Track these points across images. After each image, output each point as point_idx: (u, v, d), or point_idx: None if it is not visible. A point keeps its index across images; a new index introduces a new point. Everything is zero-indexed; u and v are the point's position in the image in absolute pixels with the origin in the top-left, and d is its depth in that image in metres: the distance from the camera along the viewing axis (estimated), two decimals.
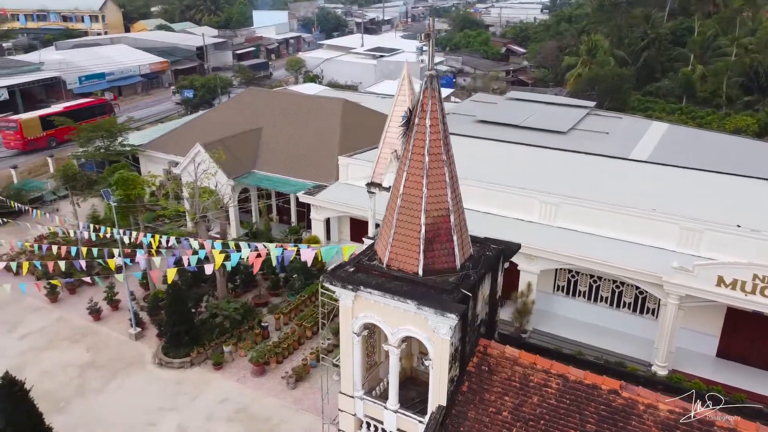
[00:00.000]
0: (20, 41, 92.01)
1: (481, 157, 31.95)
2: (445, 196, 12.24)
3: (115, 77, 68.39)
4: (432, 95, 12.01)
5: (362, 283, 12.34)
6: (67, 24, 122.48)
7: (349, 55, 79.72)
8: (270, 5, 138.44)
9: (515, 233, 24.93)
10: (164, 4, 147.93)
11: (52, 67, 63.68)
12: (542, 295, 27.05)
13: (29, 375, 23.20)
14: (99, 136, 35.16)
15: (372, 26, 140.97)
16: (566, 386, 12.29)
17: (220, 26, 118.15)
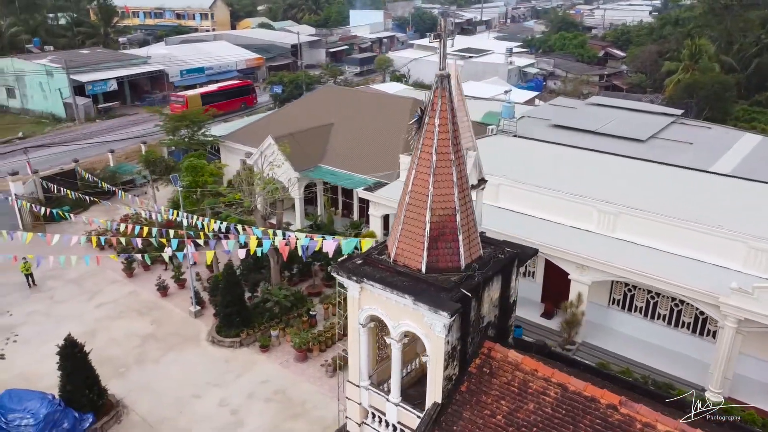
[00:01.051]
0: (136, 36, 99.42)
1: (548, 162, 31.21)
2: (451, 196, 12.32)
3: (213, 72, 72.40)
4: (442, 95, 12.15)
5: (366, 276, 12.68)
6: (180, 21, 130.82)
7: (437, 55, 79.66)
8: (368, 5, 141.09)
9: (568, 240, 24.42)
10: (269, 3, 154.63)
11: (158, 60, 68.51)
12: (596, 307, 26.15)
13: (99, 340, 25.60)
14: (184, 126, 37.61)
15: (468, 27, 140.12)
16: (564, 396, 12.03)
17: (318, 25, 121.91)
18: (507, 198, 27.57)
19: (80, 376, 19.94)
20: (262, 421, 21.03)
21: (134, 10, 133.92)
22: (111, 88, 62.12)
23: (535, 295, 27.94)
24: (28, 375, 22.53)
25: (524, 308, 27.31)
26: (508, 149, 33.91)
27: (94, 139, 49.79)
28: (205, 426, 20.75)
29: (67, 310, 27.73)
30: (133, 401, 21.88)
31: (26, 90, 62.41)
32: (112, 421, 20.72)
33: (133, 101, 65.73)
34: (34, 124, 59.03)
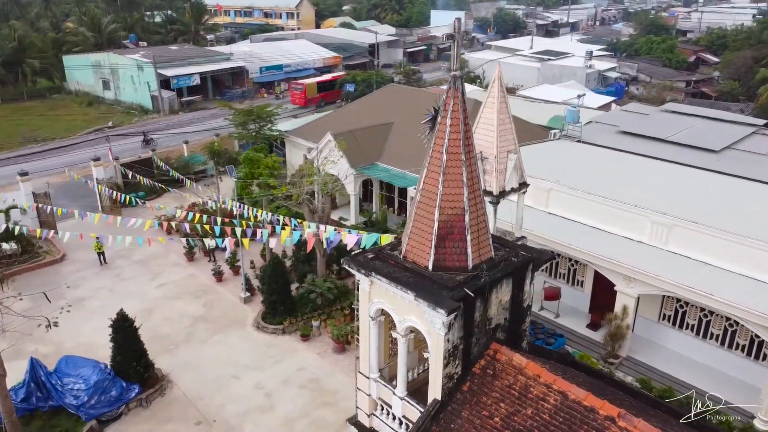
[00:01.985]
0: (224, 34, 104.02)
1: (608, 169, 30.21)
2: (461, 195, 12.39)
3: (291, 69, 74.76)
4: (455, 95, 12.23)
5: (375, 270, 12.98)
6: (267, 20, 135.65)
7: (515, 57, 78.51)
8: (451, 6, 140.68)
9: (616, 251, 23.63)
10: (354, 2, 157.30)
11: (239, 57, 71.52)
12: (645, 322, 25.18)
13: (155, 318, 27.30)
14: (252, 120, 39.24)
15: (553, 29, 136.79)
16: (563, 404, 11.84)
17: (399, 25, 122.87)
18: (557, 204, 27.01)
19: (129, 349, 21.41)
20: (293, 406, 21.76)
21: (226, 9, 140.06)
22: (194, 82, 65.53)
23: (582, 306, 27.22)
24: (88, 344, 24.37)
25: (571, 318, 26.78)
26: (568, 154, 33.09)
27: (174, 130, 52.74)
28: (239, 405, 21.73)
29: (130, 288, 29.72)
30: (178, 377, 23.22)
31: (119, 82, 66.97)
32: (156, 393, 22.09)
33: (214, 96, 68.95)
34: (123, 114, 63.28)
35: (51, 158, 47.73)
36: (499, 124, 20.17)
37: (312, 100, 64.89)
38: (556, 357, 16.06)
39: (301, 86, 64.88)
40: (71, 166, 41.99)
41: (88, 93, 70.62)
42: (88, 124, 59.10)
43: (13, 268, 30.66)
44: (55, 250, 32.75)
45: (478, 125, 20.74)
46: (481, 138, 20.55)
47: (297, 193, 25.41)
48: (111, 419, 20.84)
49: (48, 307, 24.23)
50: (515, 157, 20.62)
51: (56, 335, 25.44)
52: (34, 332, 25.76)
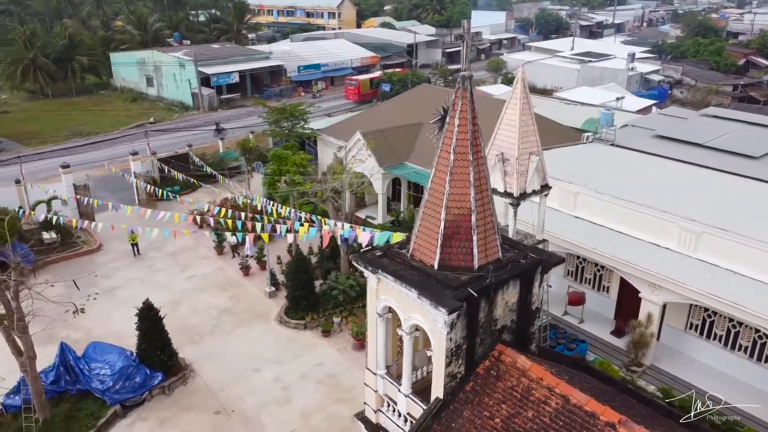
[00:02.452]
0: (265, 33, 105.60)
1: (639, 173, 29.53)
2: (467, 195, 12.42)
3: (329, 68, 75.48)
4: (463, 96, 12.29)
5: (382, 267, 13.11)
6: (309, 19, 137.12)
7: (555, 58, 77.41)
8: (493, 6, 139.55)
9: (642, 256, 23.15)
10: (396, 2, 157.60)
11: (278, 56, 72.58)
12: (672, 331, 24.61)
13: (182, 309, 28.04)
14: (285, 118, 39.84)
15: (597, 30, 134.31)
16: (564, 408, 11.75)
17: (440, 25, 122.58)
18: (585, 207, 26.62)
19: (154, 338, 22.08)
20: (309, 400, 22.07)
21: (269, 8, 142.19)
22: (233, 80, 66.84)
23: (608, 312, 26.75)
24: (117, 332, 25.18)
25: (595, 324, 26.36)
26: (599, 158, 32.53)
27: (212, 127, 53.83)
28: (257, 397, 22.16)
29: (161, 279, 30.59)
30: (201, 367, 23.82)
31: (162, 79, 68.82)
32: (178, 382, 22.72)
33: (253, 93, 70.14)
34: (165, 111, 65.01)
35: (93, 152, 49.40)
36: (522, 125, 20.05)
37: (365, 95, 67.47)
38: (568, 361, 15.89)
39: (355, 82, 68.03)
40: (112, 160, 43.43)
41: (133, 89, 72.81)
42: (131, 119, 60.94)
43: (51, 256, 31.97)
44: (92, 240, 33.93)
45: (500, 126, 20.67)
46: (503, 139, 20.50)
47: (321, 190, 25.72)
48: (134, 405, 21.53)
49: (78, 295, 25.24)
50: (537, 159, 20.45)
51: (87, 322, 26.54)
52: (67, 318, 26.91)
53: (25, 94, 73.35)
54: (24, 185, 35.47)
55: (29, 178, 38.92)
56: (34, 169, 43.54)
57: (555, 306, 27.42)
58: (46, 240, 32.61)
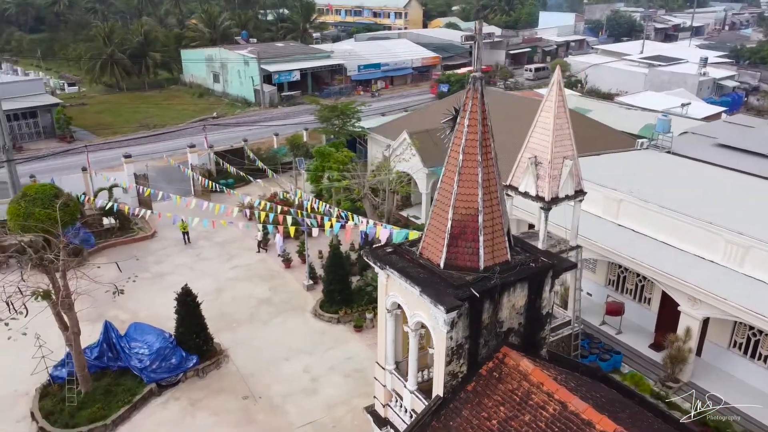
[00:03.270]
0: (331, 33, 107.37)
1: (694, 183, 28.36)
2: (475, 196, 12.44)
3: (389, 68, 76.04)
4: (473, 96, 12.31)
5: (390, 264, 13.31)
6: (376, 19, 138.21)
7: (622, 61, 74.98)
8: (564, 8, 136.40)
9: (683, 268, 22.29)
10: (464, 3, 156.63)
11: (339, 55, 73.72)
12: (714, 348, 23.61)
13: (224, 297, 29.14)
14: (335, 116, 40.57)
15: (673, 33, 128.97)
16: (561, 414, 11.60)
17: (507, 26, 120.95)
18: (628, 215, 25.84)
19: (191, 322, 23.10)
20: (334, 392, 22.51)
21: (337, 8, 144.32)
22: (294, 78, 68.45)
23: (648, 324, 25.88)
24: (160, 315, 26.39)
25: (634, 336, 25.57)
26: (650, 165, 31.42)
27: (270, 123, 55.42)
28: (285, 386, 22.79)
29: (207, 267, 31.85)
30: (235, 353, 24.70)
31: (228, 76, 71.30)
32: (212, 366, 23.66)
33: (313, 91, 71.57)
34: (228, 106, 67.36)
35: (158, 143, 51.83)
36: (556, 128, 19.81)
37: (448, 91, 68.67)
38: (584, 370, 15.58)
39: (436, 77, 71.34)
40: (173, 152, 45.45)
41: (200, 85, 75.77)
42: (196, 114, 63.48)
43: (109, 240, 33.89)
44: (148, 227, 35.68)
45: (535, 129, 20.47)
46: (537, 142, 20.31)
47: (358, 187, 26.11)
48: (169, 385, 22.59)
49: (123, 277, 26.65)
50: (571, 164, 20.09)
51: (134, 304, 28.03)
52: (117, 299, 28.45)
53: (103, 88, 77.68)
54: (89, 173, 37.69)
55: (98, 167, 41.41)
56: (103, 158, 46.24)
57: (593, 315, 26.82)
58: (105, 225, 34.56)
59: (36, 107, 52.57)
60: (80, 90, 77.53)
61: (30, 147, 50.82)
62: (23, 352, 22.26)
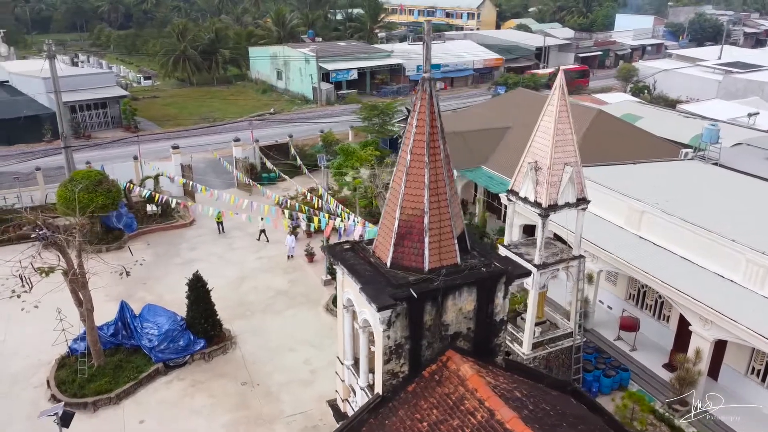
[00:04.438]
0: (399, 33, 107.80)
1: (733, 197, 26.69)
2: (421, 197, 12.43)
3: (449, 69, 75.60)
4: (422, 97, 12.31)
5: (342, 260, 13.52)
6: (448, 20, 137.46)
7: (696, 67, 71.09)
8: (646, 9, 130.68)
9: (699, 286, 21.11)
10: (542, 4, 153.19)
11: (399, 55, 74.05)
12: (731, 372, 22.26)
13: (245, 286, 30.17)
14: (375, 115, 40.97)
15: (766, 38, 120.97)
16: (487, 422, 11.42)
17: (582, 28, 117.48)
18: (650, 228, 24.72)
19: (200, 307, 24.11)
20: (330, 386, 22.76)
21: (409, 8, 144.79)
22: (351, 76, 69.41)
23: (665, 342, 24.68)
24: (183, 299, 27.57)
25: (648, 354, 24.46)
26: (688, 177, 29.89)
27: (323, 120, 56.55)
28: (284, 375, 23.37)
29: (235, 257, 33.03)
30: (244, 340, 25.55)
31: (289, 73, 73.25)
32: (219, 351, 24.59)
33: (371, 91, 72.30)
34: (287, 103, 69.20)
35: (214, 135, 54.06)
36: (557, 133, 19.37)
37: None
38: (551, 382, 15.20)
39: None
40: (226, 144, 47.22)
41: (265, 82, 78.24)
42: (256, 109, 65.63)
43: (150, 226, 35.79)
44: (188, 216, 37.37)
45: (536, 134, 20.05)
46: (538, 147, 19.93)
47: (371, 186, 26.36)
48: (177, 366, 23.68)
49: (161, 262, 28.27)
50: (572, 170, 19.51)
51: (161, 288, 29.51)
52: (147, 281, 30.15)
53: (175, 82, 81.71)
54: (140, 162, 39.89)
55: (155, 156, 43.74)
56: (162, 147, 48.66)
57: (609, 329, 25.87)
58: (149, 212, 36.49)
59: (105, 98, 56.05)
60: (154, 84, 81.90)
61: (98, 135, 54.29)
62: (49, 324, 23.94)
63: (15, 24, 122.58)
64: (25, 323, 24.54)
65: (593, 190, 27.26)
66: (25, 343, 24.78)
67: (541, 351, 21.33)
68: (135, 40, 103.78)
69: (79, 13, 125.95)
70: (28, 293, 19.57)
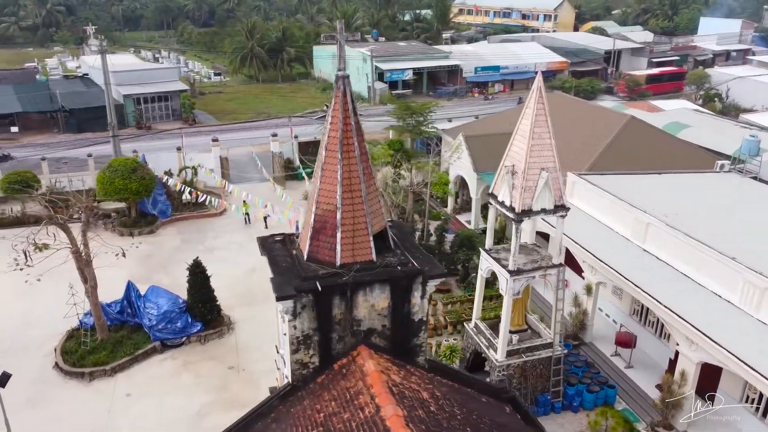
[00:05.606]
0: (467, 34, 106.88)
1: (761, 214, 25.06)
2: (334, 193, 12.66)
3: (509, 71, 74.31)
4: (336, 95, 12.54)
5: (269, 250, 13.98)
6: (524, 21, 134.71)
7: None
8: (737, 12, 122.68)
9: (689, 305, 20.07)
10: (626, 6, 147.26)
11: (457, 56, 73.59)
12: (726, 398, 20.75)
13: (256, 276, 31.04)
14: (409, 115, 41.15)
15: None
16: (372, 418, 11.50)
17: (666, 32, 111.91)
18: (654, 241, 23.67)
19: (198, 292, 25.32)
20: None
21: (485, 9, 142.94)
22: (407, 77, 69.68)
23: (664, 362, 23.46)
24: None
25: (643, 372, 23.48)
26: (716, 190, 28.29)
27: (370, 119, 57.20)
28: (268, 364, 23.85)
29: (254, 247, 33.92)
30: (241, 327, 26.57)
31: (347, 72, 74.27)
32: (215, 335, 25.71)
33: (428, 91, 72.30)
34: None
35: (264, 130, 55.90)
36: (534, 137, 19.02)
37: (635, 90, 71.52)
38: (482, 387, 15.04)
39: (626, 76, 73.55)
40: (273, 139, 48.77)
41: (326, 80, 79.89)
42: (311, 106, 67.21)
43: (183, 213, 37.73)
44: (220, 206, 39.04)
45: (515, 137, 19.74)
46: (516, 151, 19.65)
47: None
48: (174, 346, 24.99)
49: (185, 248, 29.93)
50: (547, 176, 19.04)
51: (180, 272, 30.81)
52: (167, 265, 31.86)
53: (243, 78, 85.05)
54: (183, 153, 42.07)
55: (203, 149, 45.90)
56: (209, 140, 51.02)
57: (607, 343, 24.93)
58: (184, 200, 38.45)
59: (168, 92, 59.33)
60: (223, 80, 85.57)
61: (158, 126, 57.54)
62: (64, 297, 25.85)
63: (109, 21, 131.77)
64: (47, 296, 26.63)
65: (602, 198, 26.43)
66: (44, 314, 26.86)
67: (516, 359, 20.89)
68: (213, 38, 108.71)
69: (167, 12, 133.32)
70: (32, 267, 21.32)
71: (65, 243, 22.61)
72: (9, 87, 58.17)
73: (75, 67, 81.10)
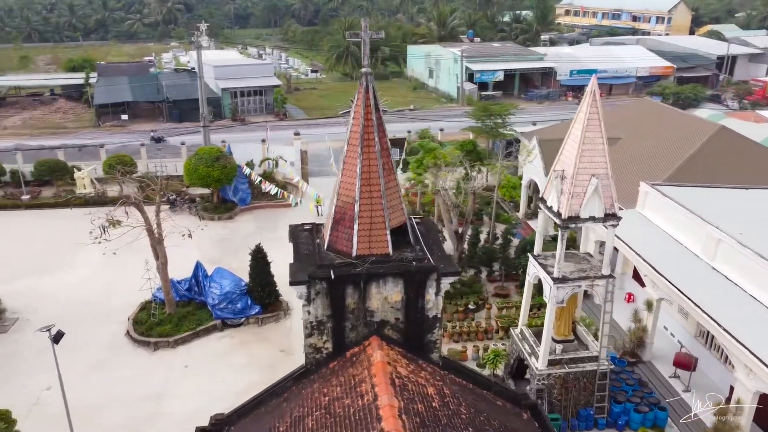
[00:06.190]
0: (570, 35, 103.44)
1: None
2: (353, 185, 13.06)
3: (607, 75, 71.22)
4: (359, 91, 12.91)
5: (294, 238, 14.60)
6: (635, 24, 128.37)
7: None
8: None
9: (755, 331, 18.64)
10: (752, 9, 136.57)
11: (552, 59, 71.51)
12: None
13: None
14: (487, 117, 40.76)
15: None
16: (368, 406, 11.80)
17: None
18: (725, 260, 22.14)
19: (259, 276, 26.59)
20: None
21: (593, 11, 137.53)
22: (497, 78, 68.65)
23: (725, 387, 21.85)
24: None
25: (702, 397, 21.79)
26: None
27: (452, 120, 57.09)
28: None
29: None
30: (296, 314, 27.50)
31: (439, 72, 74.58)
32: (272, 319, 26.91)
33: (519, 93, 70.87)
34: (432, 101, 70.58)
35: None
36: (585, 142, 18.54)
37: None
38: (500, 391, 14.88)
39: (762, 84, 69.38)
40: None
41: (418, 79, 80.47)
42: (399, 105, 67.98)
43: (260, 202, 39.60)
44: (296, 197, 40.59)
45: (567, 142, 19.25)
46: (567, 156, 19.17)
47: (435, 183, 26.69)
48: (233, 325, 26.44)
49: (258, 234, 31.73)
50: (597, 182, 18.38)
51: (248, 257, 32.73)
52: (239, 249, 33.60)
53: (338, 76, 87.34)
54: (266, 145, 44.09)
55: (287, 141, 47.93)
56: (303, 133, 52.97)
57: (667, 364, 23.57)
58: (264, 190, 40.35)
59: (263, 87, 62.24)
60: (319, 76, 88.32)
61: (251, 119, 60.54)
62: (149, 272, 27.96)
63: (222, 19, 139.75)
64: (128, 269, 28.94)
65: (674, 211, 25.01)
66: (126, 285, 29.12)
67: (558, 369, 20.30)
68: (314, 36, 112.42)
69: (275, 10, 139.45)
70: (109, 241, 23.40)
71: (142, 222, 24.60)
72: (124, 78, 63.41)
73: (186, 61, 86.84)
